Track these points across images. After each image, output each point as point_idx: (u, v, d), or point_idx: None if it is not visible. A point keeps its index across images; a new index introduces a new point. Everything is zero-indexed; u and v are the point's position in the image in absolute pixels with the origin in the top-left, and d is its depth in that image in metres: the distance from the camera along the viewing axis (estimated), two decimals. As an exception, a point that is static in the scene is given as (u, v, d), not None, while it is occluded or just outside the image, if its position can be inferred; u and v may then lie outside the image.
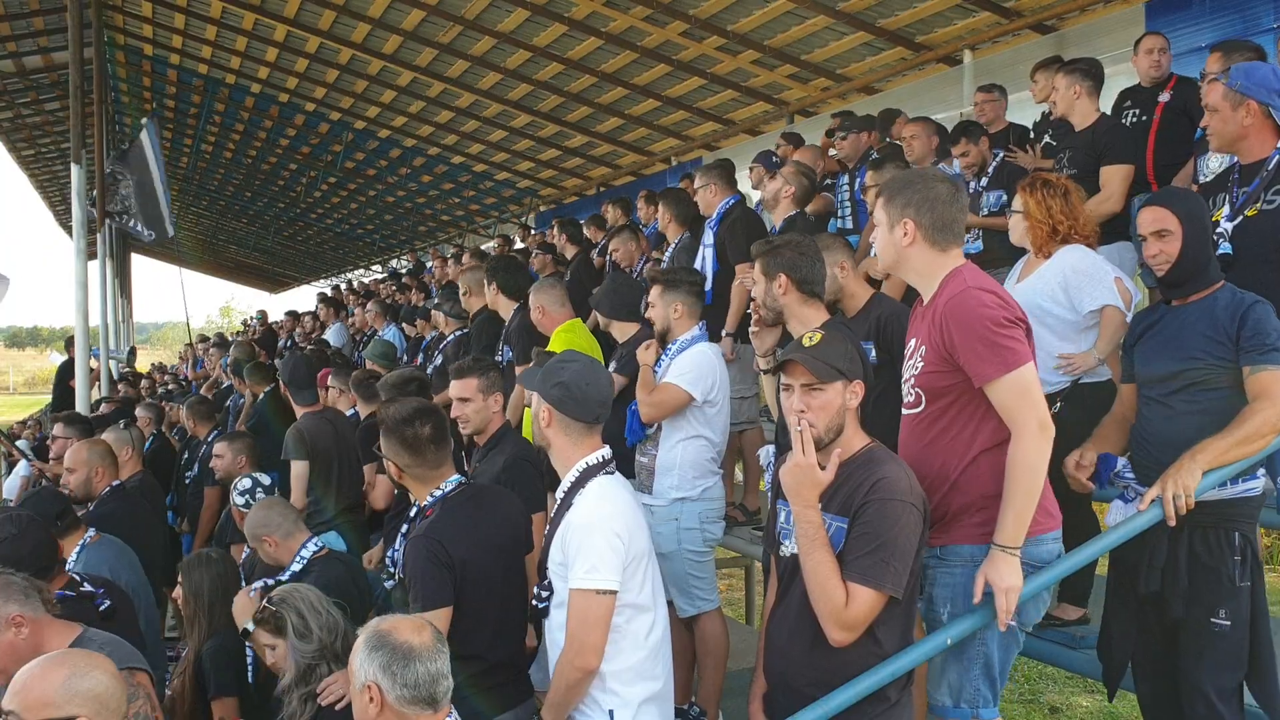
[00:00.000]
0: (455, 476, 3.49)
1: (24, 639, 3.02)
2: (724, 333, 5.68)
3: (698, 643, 4.46)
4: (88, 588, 3.83)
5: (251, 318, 23.08)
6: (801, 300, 3.81)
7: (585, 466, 3.06)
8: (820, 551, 2.74)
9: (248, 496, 5.17)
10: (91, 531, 4.55)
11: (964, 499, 2.96)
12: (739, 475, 6.53)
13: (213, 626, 4.26)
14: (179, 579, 4.43)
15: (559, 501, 3.07)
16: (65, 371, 13.81)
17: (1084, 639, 4.01)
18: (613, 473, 3.11)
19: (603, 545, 2.90)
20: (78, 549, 4.44)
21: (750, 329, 4.15)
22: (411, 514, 3.73)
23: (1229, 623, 3.17)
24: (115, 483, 5.37)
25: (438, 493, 3.43)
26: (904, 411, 3.15)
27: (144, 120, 12.99)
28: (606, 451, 3.11)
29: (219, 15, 14.53)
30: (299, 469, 5.74)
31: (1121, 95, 5.88)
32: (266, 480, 5.34)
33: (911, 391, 3.08)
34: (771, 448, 4.19)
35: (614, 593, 2.90)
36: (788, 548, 3.00)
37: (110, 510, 5.11)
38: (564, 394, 3.06)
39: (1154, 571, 3.26)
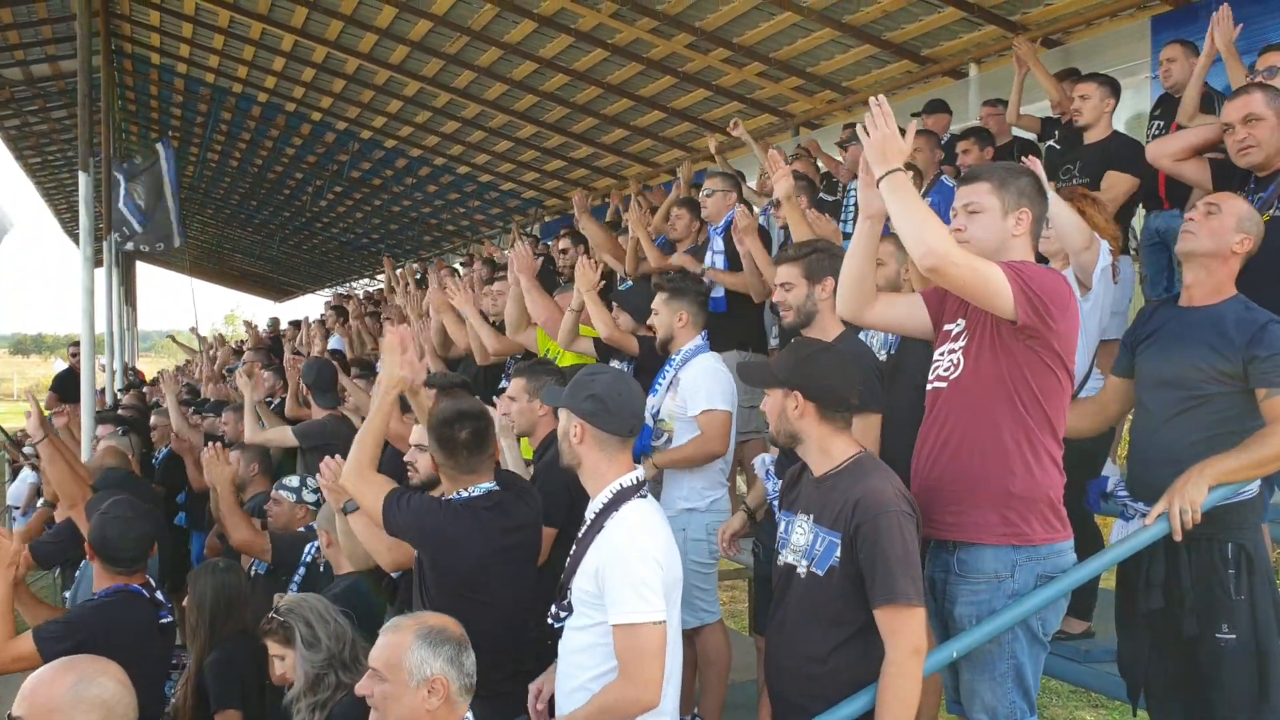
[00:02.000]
0: (487, 485, 3.50)
1: None
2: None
3: (700, 655, 4.45)
4: (160, 596, 4.03)
5: (261, 326, 23.04)
6: (834, 306, 3.83)
7: (619, 489, 2.95)
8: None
9: (297, 494, 5.20)
10: None
11: (1013, 484, 2.91)
12: (741, 486, 6.52)
13: (215, 638, 4.23)
14: (187, 588, 4.43)
15: (588, 522, 2.99)
16: (60, 383, 13.80)
17: (1089, 653, 4.00)
18: (646, 496, 3.01)
19: (648, 574, 2.80)
20: None
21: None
22: None
23: (1234, 636, 3.11)
24: None
25: (464, 494, 3.47)
26: (935, 385, 3.09)
27: (159, 144, 13.08)
28: (640, 473, 3.01)
29: (226, 25, 14.57)
30: (284, 435, 5.80)
31: (1155, 104, 5.92)
32: (314, 482, 5.33)
33: (950, 360, 3.03)
34: (769, 456, 4.17)
35: (664, 621, 2.80)
36: (783, 557, 3.01)
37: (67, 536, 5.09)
38: (597, 407, 2.93)
39: (1153, 589, 3.21)
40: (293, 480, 5.28)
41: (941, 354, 3.10)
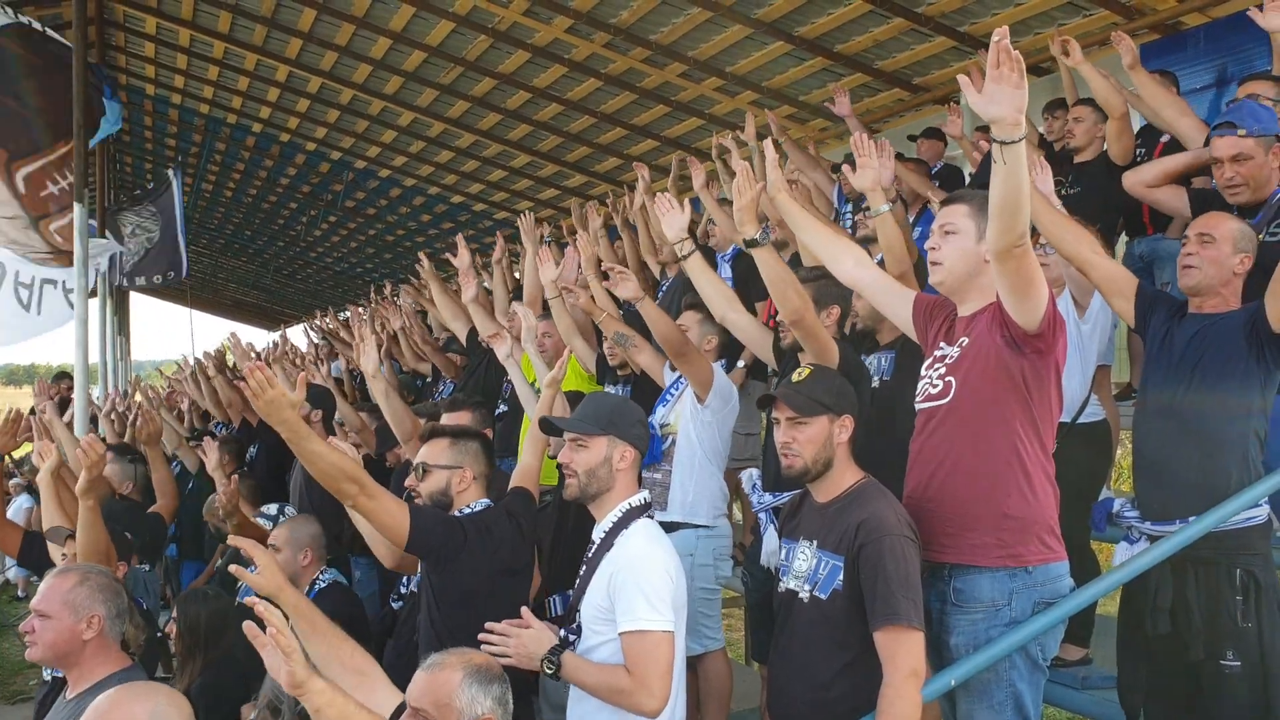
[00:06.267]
0: (485, 501, 3.59)
1: (85, 638, 3.06)
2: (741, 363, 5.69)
3: (701, 682, 4.42)
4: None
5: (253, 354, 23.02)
6: (834, 333, 3.87)
7: (629, 507, 2.99)
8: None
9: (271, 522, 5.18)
10: None
11: (1008, 505, 2.90)
12: (737, 515, 6.51)
13: (206, 662, 4.24)
14: (174, 614, 4.42)
15: (596, 543, 3.00)
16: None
17: (1086, 679, 3.98)
18: (654, 517, 3.06)
19: (660, 585, 2.82)
20: None
21: None
22: None
23: (1238, 664, 3.08)
24: None
25: (466, 510, 3.56)
26: (923, 405, 3.10)
27: (169, 170, 13.28)
28: (646, 494, 3.07)
29: (221, 55, 14.63)
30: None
31: (1135, 134, 5.98)
32: (292, 511, 5.33)
33: (939, 382, 3.03)
34: (755, 470, 4.19)
35: (673, 633, 2.81)
36: (784, 584, 3.00)
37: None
38: (644, 432, 3.05)
39: (1160, 614, 3.18)
40: (271, 508, 5.26)
41: (930, 374, 3.10)
